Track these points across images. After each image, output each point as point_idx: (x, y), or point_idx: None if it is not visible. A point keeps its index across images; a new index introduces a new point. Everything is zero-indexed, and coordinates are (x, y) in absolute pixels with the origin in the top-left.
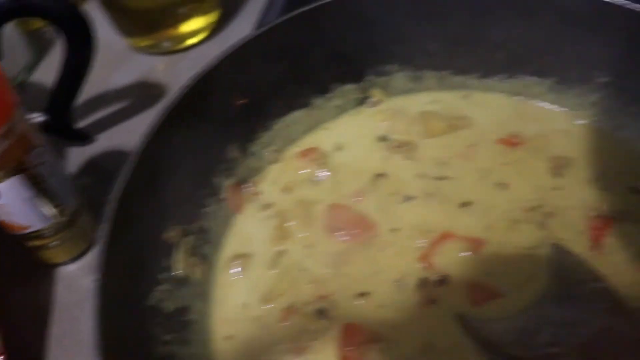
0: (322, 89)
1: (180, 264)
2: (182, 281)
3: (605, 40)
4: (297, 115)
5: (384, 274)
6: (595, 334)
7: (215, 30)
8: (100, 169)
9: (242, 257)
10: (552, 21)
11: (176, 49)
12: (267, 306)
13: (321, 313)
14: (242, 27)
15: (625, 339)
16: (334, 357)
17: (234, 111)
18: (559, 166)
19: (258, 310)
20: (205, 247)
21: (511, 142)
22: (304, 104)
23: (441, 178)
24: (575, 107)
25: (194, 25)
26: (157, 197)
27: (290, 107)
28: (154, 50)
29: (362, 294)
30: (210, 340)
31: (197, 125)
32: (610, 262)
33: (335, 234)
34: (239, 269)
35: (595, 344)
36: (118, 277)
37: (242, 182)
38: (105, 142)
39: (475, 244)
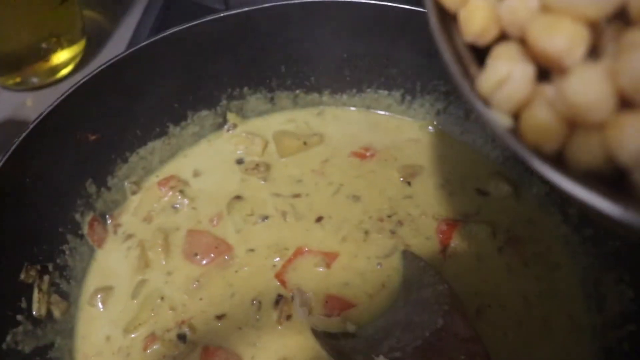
0: (178, 117)
1: (38, 304)
2: (41, 320)
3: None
4: (154, 145)
5: (241, 295)
6: (433, 334)
7: (85, 59)
8: None
9: (104, 291)
10: (390, 35)
11: (45, 83)
12: (130, 336)
13: (181, 338)
14: (114, 53)
15: (457, 337)
16: None
17: (88, 146)
18: (409, 175)
19: (121, 341)
20: (65, 284)
21: (364, 154)
22: (160, 133)
23: (296, 195)
24: (423, 117)
25: (59, 58)
26: (9, 238)
27: (146, 138)
28: (22, 87)
29: (219, 317)
30: None
31: (49, 164)
32: (454, 264)
33: (194, 259)
34: (100, 303)
35: (431, 344)
36: None
37: (102, 216)
38: None
39: (329, 257)
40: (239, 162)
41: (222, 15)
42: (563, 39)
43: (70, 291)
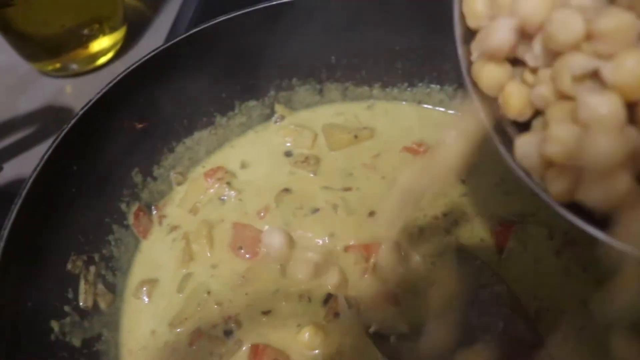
0: (226, 107)
1: (85, 295)
2: (88, 312)
3: None
4: (201, 135)
5: (288, 290)
6: (494, 338)
7: (125, 47)
8: (7, 199)
9: (149, 283)
10: (444, 28)
11: (84, 70)
12: (176, 330)
13: (228, 334)
14: (154, 41)
15: (522, 343)
16: None
17: (135, 135)
18: (463, 172)
19: (167, 336)
20: (111, 276)
21: (416, 150)
22: (207, 123)
23: (347, 189)
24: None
25: (100, 45)
26: (55, 228)
27: (193, 128)
28: (62, 73)
29: (265, 312)
30: None
31: (96, 152)
32: (511, 266)
33: (239, 252)
34: (146, 296)
35: (495, 347)
36: (9, 311)
37: (147, 206)
38: (12, 170)
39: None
40: (288, 154)
41: (267, 5)
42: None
43: (116, 283)
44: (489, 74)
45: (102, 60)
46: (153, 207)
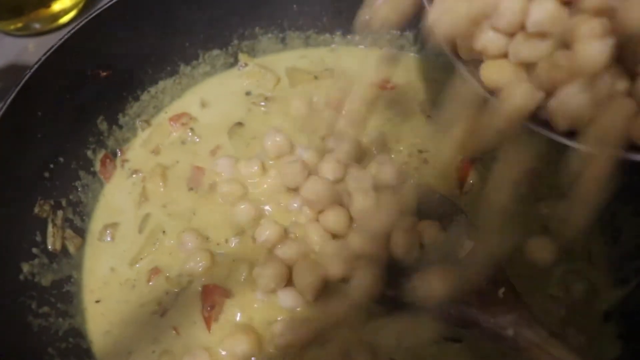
0: (189, 56)
1: (53, 238)
2: (56, 255)
3: None
4: (165, 84)
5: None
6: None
7: (87, 6)
8: None
9: (112, 227)
10: None
11: (47, 29)
12: (135, 266)
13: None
14: None
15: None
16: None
17: (99, 83)
18: (429, 110)
19: (127, 274)
20: (79, 221)
21: (384, 86)
22: (171, 72)
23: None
24: (439, 57)
25: (62, 4)
26: (22, 172)
27: (157, 76)
28: (24, 32)
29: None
30: (83, 309)
31: (60, 99)
32: (471, 201)
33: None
34: (110, 237)
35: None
36: None
37: (113, 153)
38: None
39: None
40: (248, 94)
41: None
42: None
43: (84, 227)
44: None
45: (65, 19)
46: (118, 151)
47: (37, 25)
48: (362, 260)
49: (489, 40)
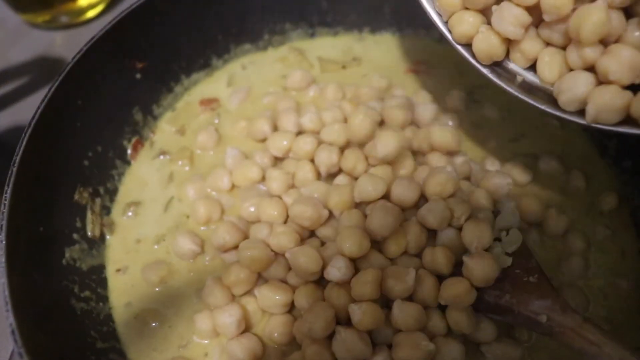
0: (222, 50)
1: (92, 225)
2: (95, 241)
3: None
4: (198, 76)
5: None
6: None
7: (114, 1)
8: (4, 146)
9: (135, 204)
10: None
11: (75, 22)
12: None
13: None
14: None
15: None
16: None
17: (135, 75)
18: None
19: (150, 247)
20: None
21: (416, 70)
22: (204, 65)
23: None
24: None
25: None
26: (63, 159)
27: (191, 69)
28: (52, 25)
29: None
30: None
31: (99, 89)
32: None
33: None
34: (133, 213)
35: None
36: (24, 234)
37: (143, 139)
38: (7, 118)
39: None
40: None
41: None
42: None
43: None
44: None
45: (92, 13)
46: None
47: (64, 19)
48: None
49: None
